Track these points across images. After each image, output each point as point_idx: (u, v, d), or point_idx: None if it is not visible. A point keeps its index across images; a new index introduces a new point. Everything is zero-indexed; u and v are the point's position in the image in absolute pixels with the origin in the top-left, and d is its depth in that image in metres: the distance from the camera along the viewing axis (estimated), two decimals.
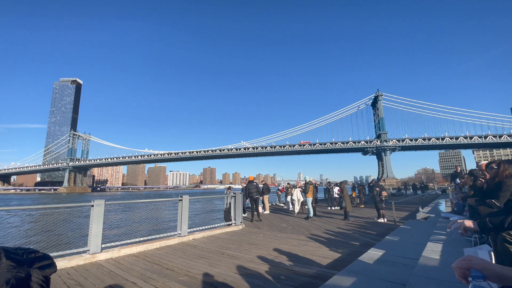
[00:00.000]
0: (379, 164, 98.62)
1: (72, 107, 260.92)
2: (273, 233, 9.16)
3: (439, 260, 3.66)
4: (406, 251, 4.87)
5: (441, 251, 4.13)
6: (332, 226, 10.32)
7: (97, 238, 5.86)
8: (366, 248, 5.54)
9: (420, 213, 10.23)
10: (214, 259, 5.80)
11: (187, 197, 8.14)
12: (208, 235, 8.48)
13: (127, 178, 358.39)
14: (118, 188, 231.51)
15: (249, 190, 12.39)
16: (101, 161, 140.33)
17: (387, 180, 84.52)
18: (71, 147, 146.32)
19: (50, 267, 0.99)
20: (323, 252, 6.28)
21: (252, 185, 12.52)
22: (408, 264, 4.03)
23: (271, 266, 5.15)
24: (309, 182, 13.25)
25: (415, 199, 24.44)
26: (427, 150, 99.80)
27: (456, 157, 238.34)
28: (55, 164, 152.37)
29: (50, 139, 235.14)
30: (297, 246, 7.01)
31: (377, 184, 13.13)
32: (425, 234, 6.09)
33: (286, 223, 11.32)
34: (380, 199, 11.86)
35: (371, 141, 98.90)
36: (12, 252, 0.95)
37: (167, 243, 7.21)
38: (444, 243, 4.67)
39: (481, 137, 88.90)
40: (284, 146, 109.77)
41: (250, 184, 12.64)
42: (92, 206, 6.01)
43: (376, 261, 4.31)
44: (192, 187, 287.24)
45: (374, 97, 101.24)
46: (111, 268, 5.21)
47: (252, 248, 6.78)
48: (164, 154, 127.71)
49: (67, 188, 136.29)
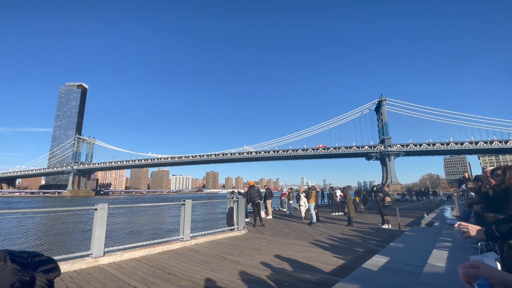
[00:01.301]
0: (383, 170, 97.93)
1: (77, 111, 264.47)
2: (276, 238, 9.09)
3: (445, 268, 3.59)
4: (411, 258, 4.80)
5: (447, 258, 4.06)
6: (336, 232, 10.21)
7: (100, 242, 5.87)
8: (370, 255, 5.47)
9: (425, 220, 10.10)
10: (216, 264, 5.76)
11: (189, 202, 8.14)
12: (210, 240, 8.45)
13: (131, 182, 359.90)
14: (121, 192, 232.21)
15: (251, 195, 12.32)
16: (105, 164, 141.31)
17: (392, 186, 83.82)
18: (76, 150, 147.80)
19: (54, 270, 0.99)
20: (327, 259, 6.21)
21: (254, 190, 12.47)
22: (413, 271, 3.96)
23: (274, 272, 5.11)
24: (312, 187, 13.17)
25: (419, 205, 24.15)
26: (431, 156, 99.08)
27: (462, 162, 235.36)
28: (59, 167, 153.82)
29: (55, 143, 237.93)
30: (300, 252, 6.95)
31: (381, 189, 13.02)
32: (430, 241, 6.00)
33: (289, 229, 11.23)
34: (384, 205, 11.75)
35: (375, 146, 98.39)
36: (17, 255, 0.96)
37: (170, 248, 7.19)
38: (450, 250, 4.59)
39: (486, 142, 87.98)
40: (287, 150, 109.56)
41: (252, 188, 12.59)
42: (95, 210, 6.04)
43: (381, 268, 4.24)
44: (195, 191, 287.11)
45: (378, 102, 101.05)
46: (114, 272, 5.20)
47: (254, 254, 6.73)
48: (167, 158, 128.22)
49: (71, 192, 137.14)
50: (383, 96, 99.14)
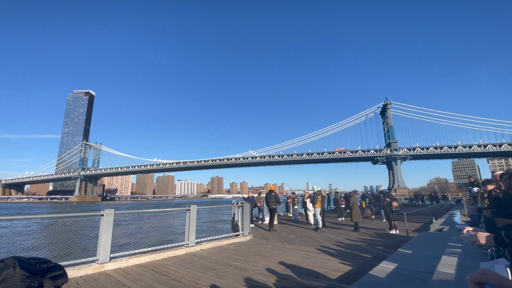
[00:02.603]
0: (390, 174, 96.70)
1: (84, 117, 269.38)
2: (282, 244, 9.02)
3: (455, 275, 3.51)
4: (420, 265, 4.70)
5: (457, 265, 3.96)
6: (342, 238, 10.08)
7: (106, 248, 5.91)
8: (378, 261, 5.38)
9: (434, 225, 9.89)
10: (222, 270, 5.73)
11: (194, 207, 8.15)
12: (215, 246, 8.42)
13: (136, 187, 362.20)
14: (127, 197, 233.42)
15: (267, 200, 12.86)
16: (111, 170, 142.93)
17: (399, 190, 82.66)
18: (83, 156, 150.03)
19: (62, 277, 1.01)
20: (333, 265, 6.13)
21: (271, 195, 12.88)
22: (422, 278, 3.88)
23: (279, 279, 5.05)
24: (318, 192, 13.07)
25: (428, 210, 23.70)
26: (439, 159, 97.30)
27: (470, 166, 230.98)
28: (67, 173, 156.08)
29: (63, 149, 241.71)
30: (306, 258, 6.87)
31: (388, 194, 12.83)
32: (439, 246, 5.88)
33: (295, 234, 11.13)
34: (391, 210, 11.56)
35: (381, 150, 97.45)
36: (25, 262, 0.98)
37: (175, 254, 7.19)
38: (459, 256, 4.49)
39: (495, 145, 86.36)
40: (291, 155, 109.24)
41: (269, 193, 13.05)
42: (102, 216, 6.10)
43: (389, 275, 4.16)
44: (200, 196, 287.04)
45: (383, 106, 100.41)
46: (119, 278, 5.22)
47: (260, 260, 6.68)
48: (172, 163, 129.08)
49: (78, 197, 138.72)
50: (388, 99, 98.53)
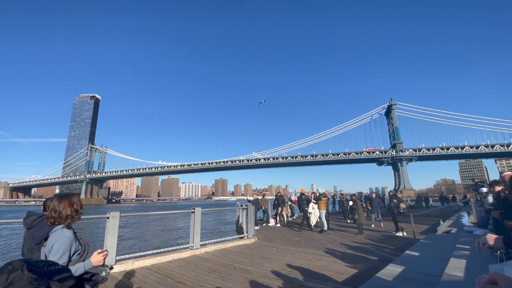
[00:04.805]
0: (395, 175, 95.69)
1: (90, 121, 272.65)
2: (286, 246, 8.97)
3: (463, 278, 3.44)
4: (428, 267, 4.62)
5: (465, 267, 3.89)
6: (348, 240, 9.98)
7: (111, 250, 5.94)
8: (384, 264, 5.30)
9: (441, 227, 9.74)
10: (226, 273, 5.72)
11: (199, 210, 8.16)
12: (220, 248, 8.41)
13: (141, 190, 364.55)
14: (132, 200, 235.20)
15: (300, 202, 13.96)
16: (117, 173, 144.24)
17: (405, 192, 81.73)
18: (89, 160, 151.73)
19: (69, 279, 1.02)
20: (339, 268, 6.07)
21: (302, 198, 13.70)
22: (430, 281, 3.81)
23: (285, 282, 5.02)
24: (323, 194, 13.00)
25: (435, 212, 23.35)
26: (445, 160, 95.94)
27: (478, 167, 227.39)
28: (73, 176, 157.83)
29: (69, 152, 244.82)
30: (311, 260, 6.82)
31: (395, 195, 12.67)
32: (447, 249, 5.78)
33: (300, 237, 11.06)
34: (399, 212, 11.41)
35: (386, 151, 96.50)
36: (33, 264, 0.99)
37: (180, 256, 7.20)
38: (468, 258, 4.40)
39: (503, 145, 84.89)
40: (296, 157, 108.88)
41: (300, 196, 14.02)
42: (107, 218, 6.14)
43: (396, 277, 4.10)
44: (204, 199, 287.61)
45: (388, 106, 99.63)
46: (125, 280, 5.24)
47: (264, 262, 6.64)
48: (177, 166, 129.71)
49: (84, 200, 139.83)
50: (392, 100, 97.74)
